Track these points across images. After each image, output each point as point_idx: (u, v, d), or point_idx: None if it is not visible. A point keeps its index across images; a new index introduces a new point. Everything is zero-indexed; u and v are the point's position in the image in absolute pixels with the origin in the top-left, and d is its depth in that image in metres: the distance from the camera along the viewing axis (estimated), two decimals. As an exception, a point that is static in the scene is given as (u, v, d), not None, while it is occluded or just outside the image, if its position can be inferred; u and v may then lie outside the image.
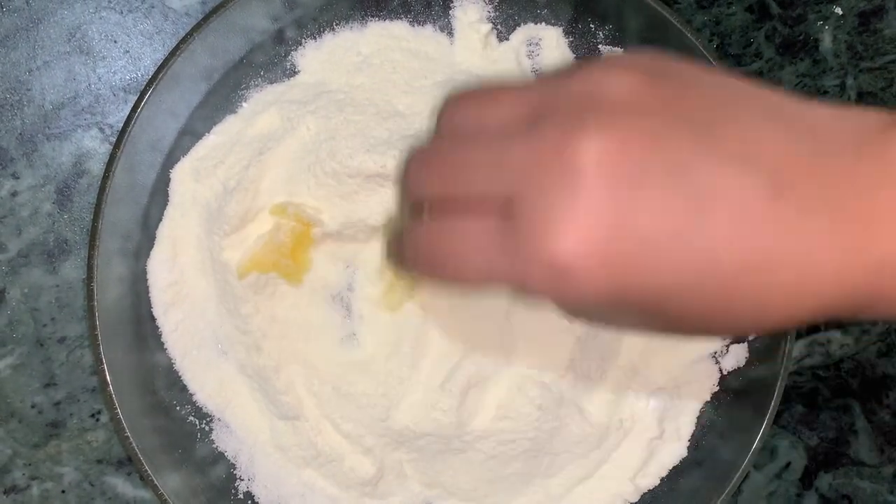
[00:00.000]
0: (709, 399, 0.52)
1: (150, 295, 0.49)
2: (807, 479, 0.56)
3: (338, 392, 0.49)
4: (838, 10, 0.57)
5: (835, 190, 0.30)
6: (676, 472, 0.51)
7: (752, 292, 0.30)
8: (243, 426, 0.50)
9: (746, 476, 0.50)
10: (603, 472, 0.51)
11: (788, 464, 0.56)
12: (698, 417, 0.52)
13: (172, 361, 0.49)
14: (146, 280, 0.49)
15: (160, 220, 0.49)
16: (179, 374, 0.50)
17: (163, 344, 0.49)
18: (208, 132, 0.50)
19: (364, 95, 0.50)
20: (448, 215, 0.33)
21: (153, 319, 0.49)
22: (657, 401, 0.51)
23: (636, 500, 0.51)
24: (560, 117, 0.30)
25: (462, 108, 0.34)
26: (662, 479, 0.51)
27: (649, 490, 0.51)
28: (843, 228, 0.29)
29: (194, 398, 0.50)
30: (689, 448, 0.51)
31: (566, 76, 0.32)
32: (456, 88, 0.35)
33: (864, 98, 0.57)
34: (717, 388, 0.51)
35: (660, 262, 0.29)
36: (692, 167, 0.29)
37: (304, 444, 0.49)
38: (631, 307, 0.31)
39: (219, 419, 0.50)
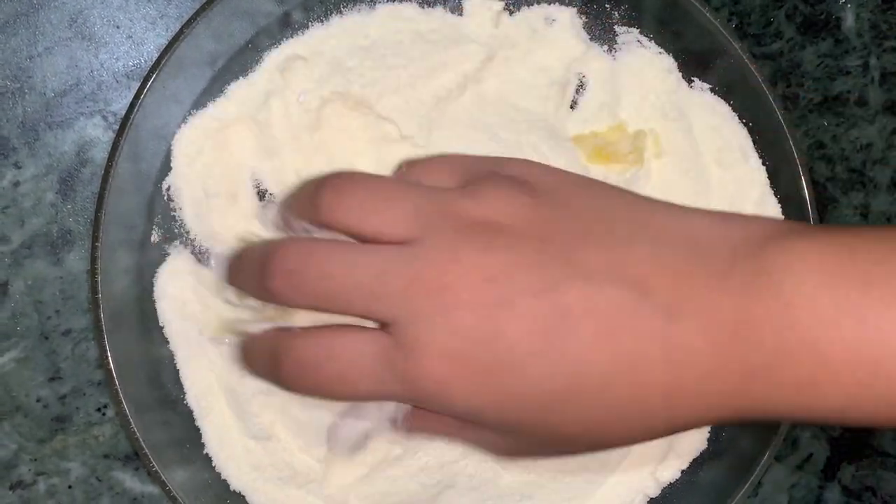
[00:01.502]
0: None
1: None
2: (829, 471, 0.55)
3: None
4: (861, -12, 0.55)
5: (705, 300, 0.31)
6: (696, 465, 0.50)
7: (628, 396, 0.32)
8: (216, 439, 0.48)
9: (768, 468, 0.49)
10: (624, 467, 0.50)
11: (811, 455, 0.55)
12: (718, 408, 0.51)
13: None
14: (152, 271, 0.48)
15: (165, 208, 0.48)
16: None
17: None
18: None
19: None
20: (328, 330, 0.35)
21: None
22: None
23: (657, 494, 0.50)
24: (437, 242, 0.33)
25: (346, 201, 0.35)
26: (683, 472, 0.50)
27: (669, 484, 0.50)
28: (712, 333, 0.31)
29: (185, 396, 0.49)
30: (708, 440, 0.50)
31: (453, 191, 0.34)
32: (340, 173, 0.36)
33: (888, 79, 0.55)
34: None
35: (529, 378, 0.32)
36: (559, 289, 0.32)
37: (279, 465, 0.48)
38: (518, 420, 0.33)
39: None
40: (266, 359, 0.37)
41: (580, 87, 0.50)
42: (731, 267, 0.31)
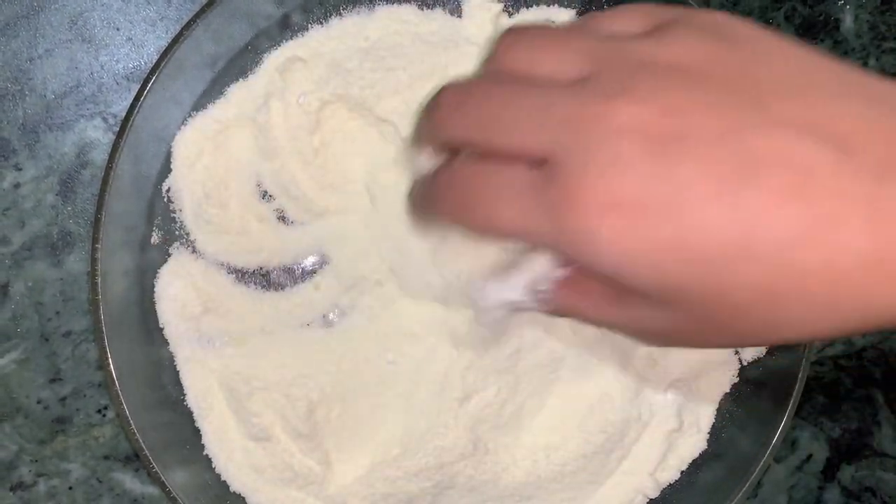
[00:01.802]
0: (728, 390, 0.51)
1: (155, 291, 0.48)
2: (829, 472, 0.55)
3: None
4: (860, -11, 0.55)
5: None
6: (696, 466, 0.50)
7: (818, 261, 0.27)
8: (216, 440, 0.49)
9: (767, 469, 0.49)
10: (623, 468, 0.50)
11: (810, 456, 0.55)
12: (717, 409, 0.51)
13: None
14: (152, 273, 0.48)
15: (165, 209, 0.48)
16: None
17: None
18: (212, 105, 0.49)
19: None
20: (483, 159, 0.32)
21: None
22: (676, 393, 0.50)
23: (656, 495, 0.50)
24: (612, 77, 0.29)
25: (515, 48, 0.33)
26: (682, 473, 0.50)
27: (669, 484, 0.50)
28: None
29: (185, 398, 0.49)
30: (708, 441, 0.50)
31: (636, 36, 0.31)
32: (515, 26, 0.34)
33: (887, 79, 0.55)
34: (737, 379, 0.50)
35: (693, 224, 0.28)
36: (742, 134, 0.28)
37: (279, 466, 0.48)
38: (676, 282, 0.29)
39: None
40: (424, 185, 0.35)
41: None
42: None
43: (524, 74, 0.32)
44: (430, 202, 0.34)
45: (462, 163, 0.33)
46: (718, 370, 0.50)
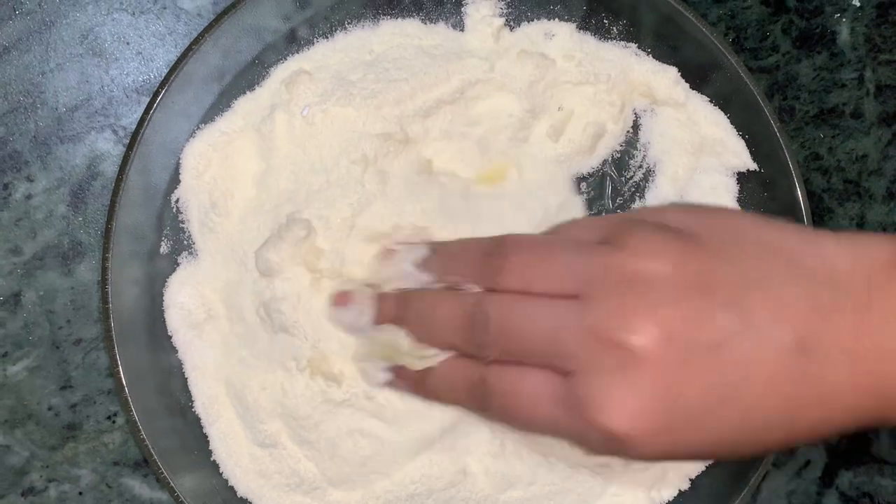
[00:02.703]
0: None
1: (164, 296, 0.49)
2: (827, 478, 0.56)
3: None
4: (856, 2, 0.56)
5: (850, 334, 0.33)
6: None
7: (784, 433, 0.34)
8: (223, 446, 0.49)
9: (766, 475, 0.50)
10: (613, 490, 0.50)
11: (808, 462, 0.56)
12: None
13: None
14: (161, 282, 0.49)
15: (174, 220, 0.49)
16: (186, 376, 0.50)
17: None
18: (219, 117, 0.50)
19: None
20: (514, 368, 0.37)
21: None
22: None
23: None
24: (606, 297, 0.34)
25: (511, 263, 0.37)
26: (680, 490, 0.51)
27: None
28: (857, 369, 0.33)
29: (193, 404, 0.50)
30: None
31: (608, 250, 0.35)
32: (509, 237, 0.39)
33: (883, 91, 0.56)
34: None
35: (706, 427, 0.33)
36: (732, 343, 0.33)
37: (285, 472, 0.49)
38: (681, 459, 0.37)
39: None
40: (462, 383, 0.39)
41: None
42: (868, 300, 0.33)
43: (520, 288, 0.37)
44: (473, 399, 0.39)
45: (499, 369, 0.38)
46: None
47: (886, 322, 0.33)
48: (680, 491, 0.50)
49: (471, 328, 0.37)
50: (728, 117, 0.50)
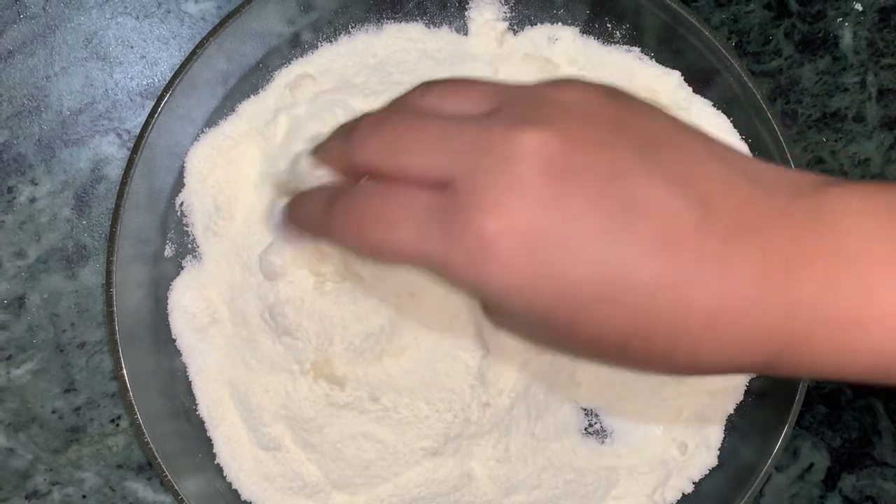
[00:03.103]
0: (732, 411, 0.51)
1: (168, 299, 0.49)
2: (830, 481, 0.56)
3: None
4: (858, 7, 0.56)
5: (764, 227, 0.30)
6: (698, 475, 0.51)
7: (669, 311, 0.30)
8: (227, 449, 0.49)
9: (769, 478, 0.50)
10: (615, 494, 0.50)
11: (811, 465, 0.56)
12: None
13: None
14: (165, 285, 0.49)
15: (178, 223, 0.49)
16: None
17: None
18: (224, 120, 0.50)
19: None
20: (385, 182, 0.33)
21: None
22: (682, 418, 0.51)
23: None
24: (514, 109, 0.31)
25: (426, 93, 0.34)
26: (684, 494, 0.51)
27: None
28: (767, 259, 0.30)
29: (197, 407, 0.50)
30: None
31: (528, 85, 0.33)
32: (427, 79, 0.35)
33: (886, 95, 0.56)
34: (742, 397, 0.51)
35: (578, 259, 0.29)
36: (626, 177, 0.30)
37: (289, 475, 0.49)
38: (547, 308, 0.30)
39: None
40: (317, 207, 0.35)
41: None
42: (791, 201, 0.31)
43: (433, 110, 0.33)
44: (324, 221, 0.34)
45: (364, 187, 0.33)
46: (725, 394, 0.51)
47: (808, 220, 0.30)
48: (683, 494, 0.50)
49: (377, 131, 0.33)
50: (731, 121, 0.50)
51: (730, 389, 0.51)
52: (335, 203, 0.34)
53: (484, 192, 0.30)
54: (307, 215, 0.36)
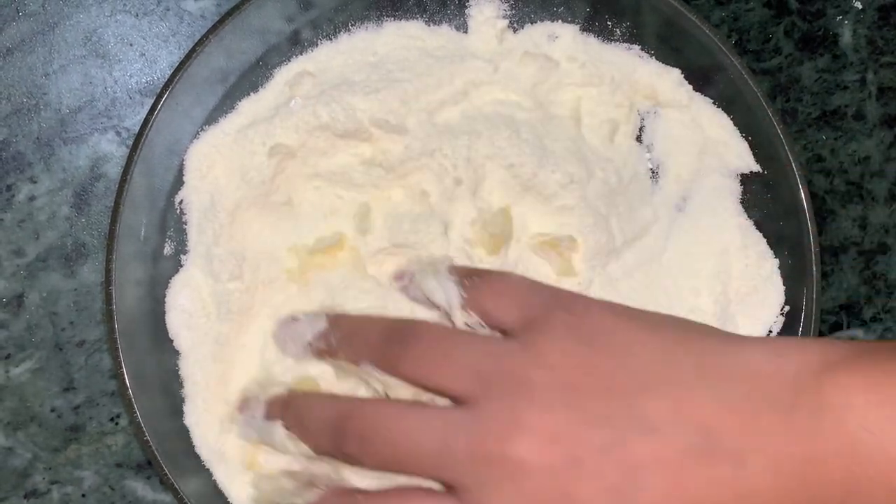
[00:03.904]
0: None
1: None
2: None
3: None
4: (858, 5, 0.56)
5: (771, 437, 0.31)
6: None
7: None
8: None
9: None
10: None
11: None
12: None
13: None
14: (165, 283, 0.49)
15: (177, 221, 0.49)
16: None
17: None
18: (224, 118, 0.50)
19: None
20: (393, 496, 0.36)
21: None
22: None
23: None
24: (499, 406, 0.33)
25: (410, 354, 0.36)
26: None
27: None
28: (782, 474, 0.31)
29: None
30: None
31: (513, 350, 0.35)
32: (416, 324, 0.38)
33: (885, 93, 0.56)
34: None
35: None
36: (626, 444, 0.31)
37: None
38: None
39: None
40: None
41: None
42: (793, 403, 0.31)
43: (421, 385, 0.36)
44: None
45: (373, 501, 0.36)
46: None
47: (815, 423, 0.31)
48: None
49: (360, 440, 0.36)
50: (731, 119, 0.50)
51: None
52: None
53: None
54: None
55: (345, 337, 0.40)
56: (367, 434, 0.35)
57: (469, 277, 0.39)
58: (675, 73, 0.50)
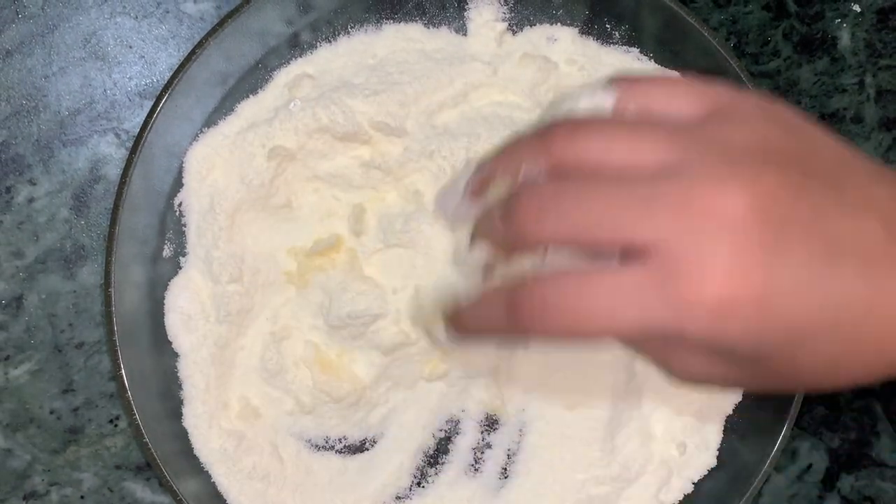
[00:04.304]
0: (731, 411, 0.51)
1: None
2: (829, 481, 0.56)
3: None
4: (856, 8, 0.56)
5: None
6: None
7: (876, 331, 0.32)
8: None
9: (768, 478, 0.50)
10: (626, 496, 0.50)
11: (810, 465, 0.56)
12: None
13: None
14: (164, 285, 0.49)
15: (177, 223, 0.49)
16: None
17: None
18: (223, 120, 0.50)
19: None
20: (572, 271, 0.32)
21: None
22: (681, 418, 0.51)
23: None
24: (708, 164, 0.31)
25: (580, 139, 0.33)
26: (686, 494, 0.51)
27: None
28: None
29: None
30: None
31: (696, 126, 0.32)
32: (559, 119, 0.33)
33: (884, 96, 0.56)
34: (740, 398, 0.51)
35: (801, 303, 0.31)
36: (825, 217, 0.31)
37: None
38: (770, 351, 0.31)
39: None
40: (498, 311, 0.33)
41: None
42: None
43: (596, 166, 0.32)
44: (519, 323, 0.33)
45: (551, 277, 0.32)
46: (723, 394, 0.51)
47: None
48: (684, 495, 0.50)
49: (555, 207, 0.32)
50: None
51: (727, 390, 0.51)
52: (517, 301, 0.33)
53: (708, 261, 0.30)
54: (485, 324, 0.35)
55: (499, 157, 0.36)
56: (547, 204, 0.32)
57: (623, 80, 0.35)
58: (674, 76, 0.50)
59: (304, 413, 0.49)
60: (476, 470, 0.51)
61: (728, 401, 0.51)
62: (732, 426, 0.51)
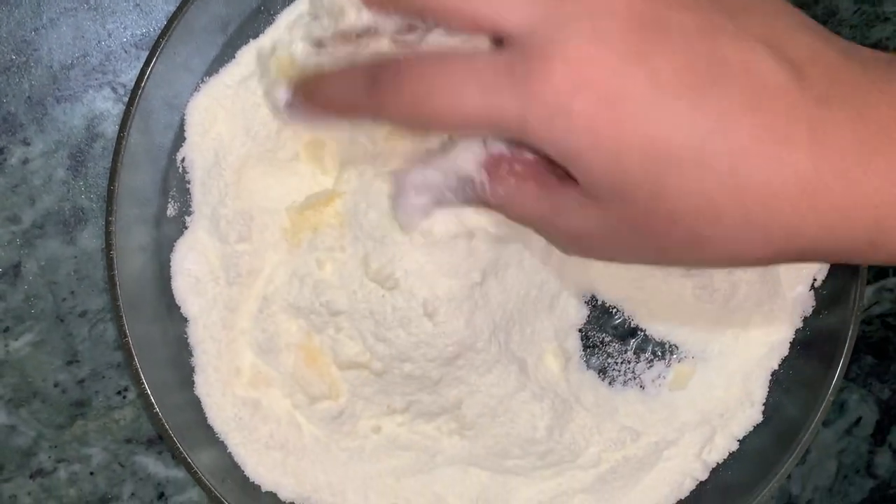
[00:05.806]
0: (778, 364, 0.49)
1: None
2: (879, 435, 0.54)
3: None
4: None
5: (859, 95, 0.29)
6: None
7: (760, 176, 0.28)
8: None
9: (816, 434, 0.48)
10: (668, 454, 0.48)
11: (859, 419, 0.54)
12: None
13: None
14: (169, 247, 0.47)
15: (180, 181, 0.47)
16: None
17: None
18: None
19: None
20: (433, 52, 0.31)
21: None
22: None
23: (705, 477, 0.48)
24: None
25: None
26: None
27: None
28: (862, 125, 0.28)
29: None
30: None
31: None
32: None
33: None
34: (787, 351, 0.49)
35: (664, 116, 0.28)
36: (716, 36, 0.29)
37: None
38: (631, 170, 0.29)
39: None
40: (356, 84, 0.33)
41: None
42: (886, 72, 0.30)
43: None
44: (368, 98, 0.32)
45: (415, 54, 0.32)
46: (770, 349, 0.49)
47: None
48: (730, 453, 0.49)
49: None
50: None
51: (774, 344, 0.49)
52: (380, 76, 0.32)
53: (564, 42, 0.28)
54: (341, 96, 0.34)
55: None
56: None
57: None
58: None
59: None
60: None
61: (774, 356, 0.49)
62: (778, 379, 0.49)
